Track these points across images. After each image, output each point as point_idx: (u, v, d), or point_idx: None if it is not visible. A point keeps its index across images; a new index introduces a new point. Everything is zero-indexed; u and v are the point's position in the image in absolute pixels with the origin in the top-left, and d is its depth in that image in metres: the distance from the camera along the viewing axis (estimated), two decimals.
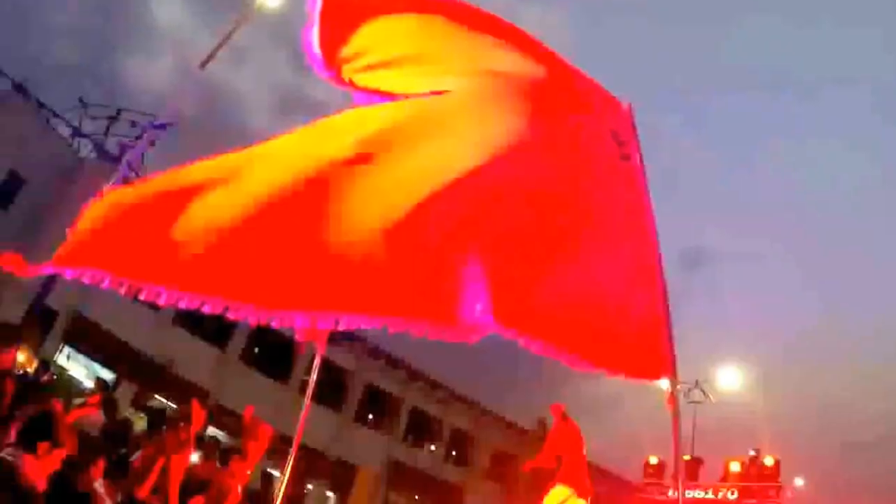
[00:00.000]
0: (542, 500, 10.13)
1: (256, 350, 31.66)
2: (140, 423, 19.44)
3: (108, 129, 26.37)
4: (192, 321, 27.20)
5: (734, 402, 33.56)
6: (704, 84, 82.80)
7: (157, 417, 21.37)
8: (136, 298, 2.91)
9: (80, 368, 25.23)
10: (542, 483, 10.50)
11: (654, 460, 32.54)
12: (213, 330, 28.48)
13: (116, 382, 25.58)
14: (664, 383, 3.35)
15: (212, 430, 28.87)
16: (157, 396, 25.59)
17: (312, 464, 31.79)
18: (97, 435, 12.61)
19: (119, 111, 26.64)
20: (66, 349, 24.96)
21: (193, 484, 9.62)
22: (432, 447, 41.91)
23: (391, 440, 38.42)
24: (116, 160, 21.59)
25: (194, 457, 11.00)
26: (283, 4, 17.46)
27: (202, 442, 12.81)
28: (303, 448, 28.14)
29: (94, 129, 26.56)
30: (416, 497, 39.47)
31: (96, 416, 11.90)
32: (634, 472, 35.51)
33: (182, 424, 9.35)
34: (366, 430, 37.70)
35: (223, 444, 29.22)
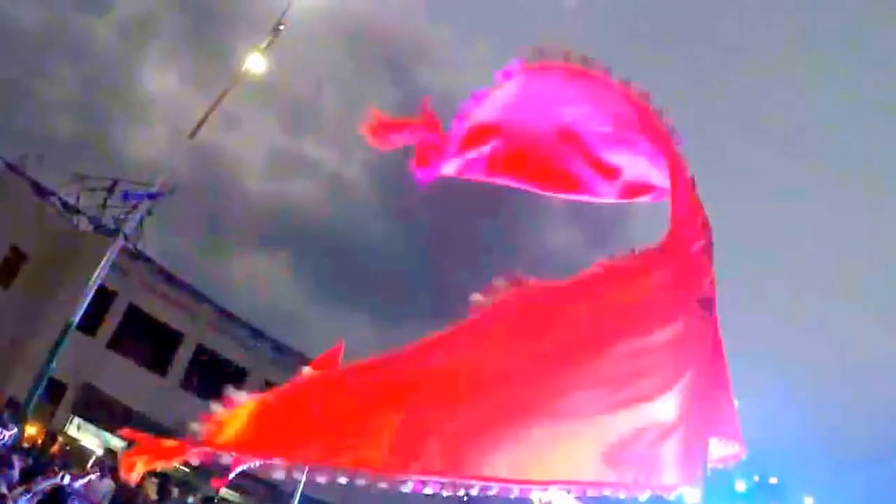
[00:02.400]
0: None
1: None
2: (151, 489, 19.64)
3: (105, 200, 26.79)
4: (197, 383, 27.56)
5: None
6: None
7: (166, 482, 21.62)
8: (141, 365, 3.24)
9: (90, 438, 25.47)
10: None
11: None
12: (221, 391, 28.70)
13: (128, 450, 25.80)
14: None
15: (225, 492, 29.13)
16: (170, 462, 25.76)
17: None
18: None
19: (115, 182, 26.96)
20: (76, 420, 25.19)
21: None
22: None
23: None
24: (114, 232, 22.06)
25: None
26: (269, 70, 18.12)
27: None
28: (316, 502, 27.86)
29: (91, 202, 27.06)
30: None
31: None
32: None
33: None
34: None
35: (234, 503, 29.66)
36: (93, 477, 11.50)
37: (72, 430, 24.72)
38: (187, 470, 22.85)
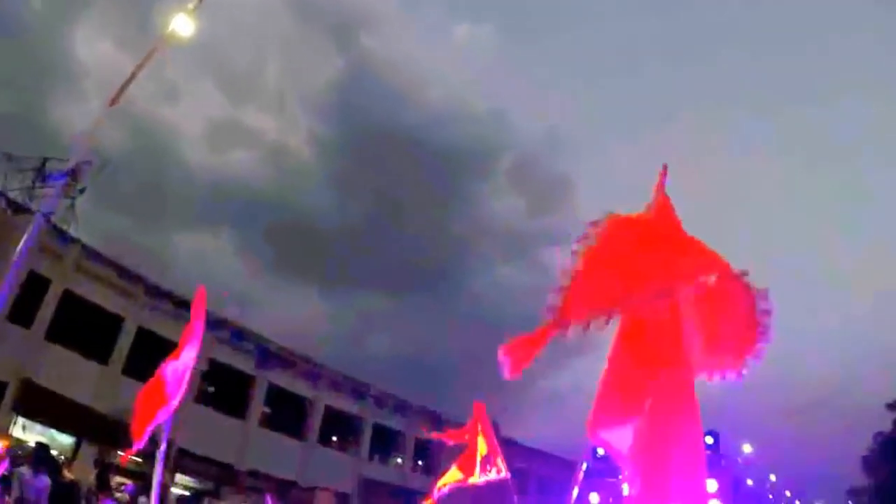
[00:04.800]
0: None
1: (212, 389, 31.20)
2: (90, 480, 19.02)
3: (34, 182, 25.73)
4: (140, 368, 26.69)
5: None
6: None
7: (105, 472, 20.92)
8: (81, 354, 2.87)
9: (37, 437, 24.46)
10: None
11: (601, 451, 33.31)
12: None
13: (77, 445, 25.03)
14: None
15: (179, 478, 28.54)
16: (119, 452, 24.81)
17: (285, 493, 31.53)
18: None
19: (45, 161, 25.93)
20: (20, 420, 24.11)
21: None
22: (399, 460, 42.16)
23: (358, 459, 38.30)
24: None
25: None
26: (198, 33, 17.31)
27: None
28: (273, 480, 27.70)
29: (22, 181, 25.89)
30: None
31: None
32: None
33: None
34: (332, 452, 37.64)
35: (193, 488, 29.10)
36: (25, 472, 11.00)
37: (16, 432, 23.62)
38: (139, 460, 22.16)
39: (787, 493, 64.19)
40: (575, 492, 6.21)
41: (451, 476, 13.28)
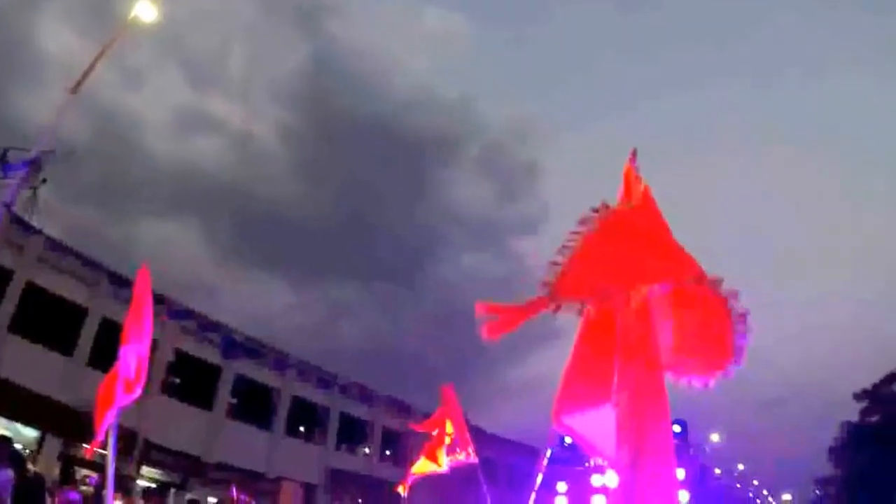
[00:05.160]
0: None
1: (178, 380, 30.96)
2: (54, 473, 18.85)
3: None
4: (105, 359, 26.38)
5: None
6: None
7: (69, 465, 20.70)
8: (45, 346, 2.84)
9: (1, 431, 24.15)
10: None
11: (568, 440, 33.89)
12: None
13: (41, 438, 24.74)
14: None
15: (146, 471, 28.31)
16: (84, 445, 24.54)
17: (252, 485, 31.41)
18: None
19: (6, 151, 25.44)
20: None
21: None
22: (366, 450, 42.27)
23: (325, 450, 38.25)
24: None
25: None
26: (168, 19, 17.21)
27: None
28: (240, 471, 27.64)
29: None
30: (359, 501, 39.51)
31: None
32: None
33: None
34: (299, 443, 37.60)
35: (159, 480, 28.88)
36: None
37: None
38: (104, 452, 21.86)
39: (755, 482, 65.15)
40: (539, 478, 6.25)
41: (422, 466, 13.39)
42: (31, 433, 24.72)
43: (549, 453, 30.31)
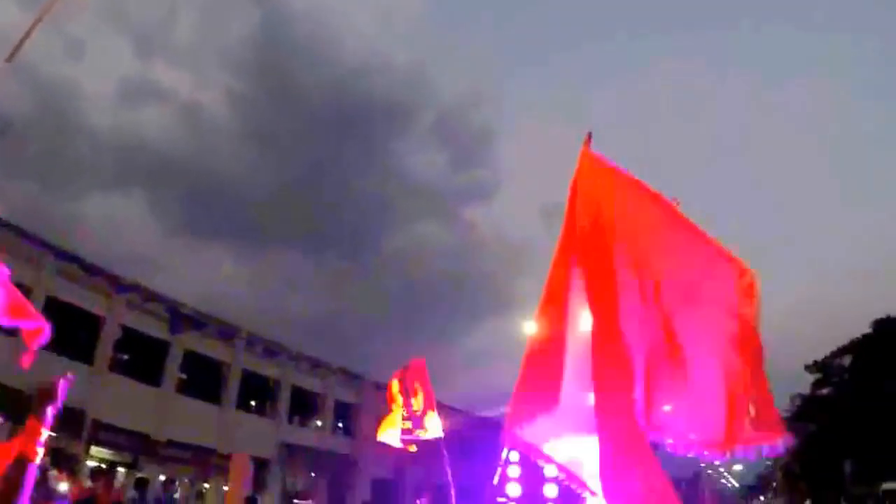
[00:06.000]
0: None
1: (125, 357, 30.53)
2: None
3: None
4: (52, 339, 25.84)
5: None
6: None
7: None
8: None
9: None
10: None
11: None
12: (78, 344, 27.14)
13: None
14: None
15: (95, 451, 27.94)
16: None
17: (204, 461, 31.27)
18: None
19: None
20: None
21: None
22: (318, 423, 42.30)
23: (277, 424, 38.26)
24: None
25: None
26: None
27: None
28: (189, 447, 27.42)
29: None
30: (313, 474, 39.58)
31: None
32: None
33: None
34: (251, 417, 37.58)
35: (108, 460, 28.53)
36: None
37: None
38: (52, 434, 21.56)
39: (706, 452, 66.75)
40: (504, 452, 6.23)
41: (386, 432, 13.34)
42: None
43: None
